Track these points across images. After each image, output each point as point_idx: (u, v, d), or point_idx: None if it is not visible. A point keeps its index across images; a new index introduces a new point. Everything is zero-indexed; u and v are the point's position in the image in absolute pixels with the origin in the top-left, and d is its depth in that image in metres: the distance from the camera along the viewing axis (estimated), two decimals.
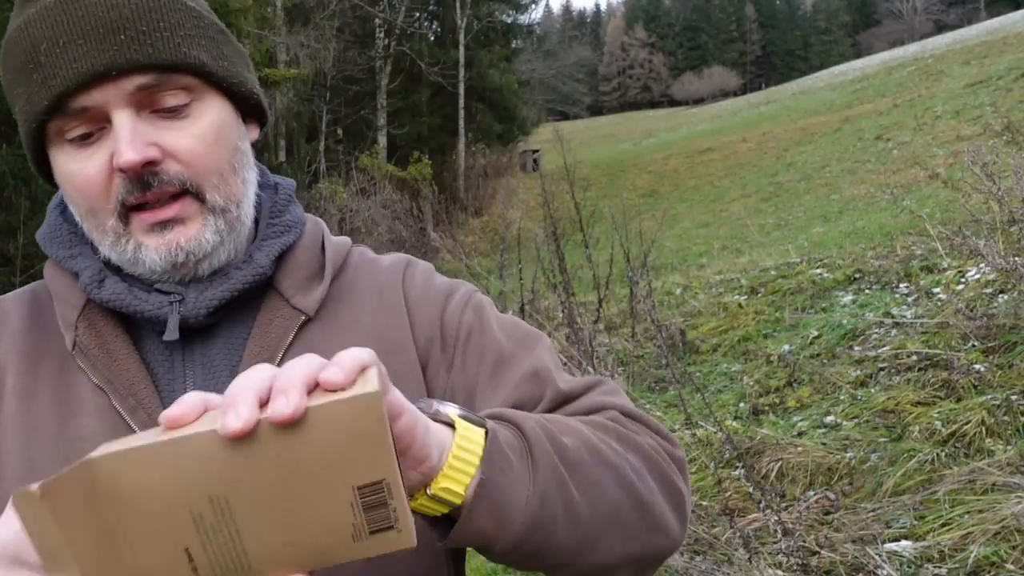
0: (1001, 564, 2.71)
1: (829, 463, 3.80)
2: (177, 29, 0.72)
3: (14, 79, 0.72)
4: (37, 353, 0.76)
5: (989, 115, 13.32)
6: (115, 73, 0.69)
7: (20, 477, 0.70)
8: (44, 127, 0.72)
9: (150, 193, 0.71)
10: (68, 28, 0.69)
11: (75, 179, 0.72)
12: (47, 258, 0.81)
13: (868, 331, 5.36)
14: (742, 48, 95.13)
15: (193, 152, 0.72)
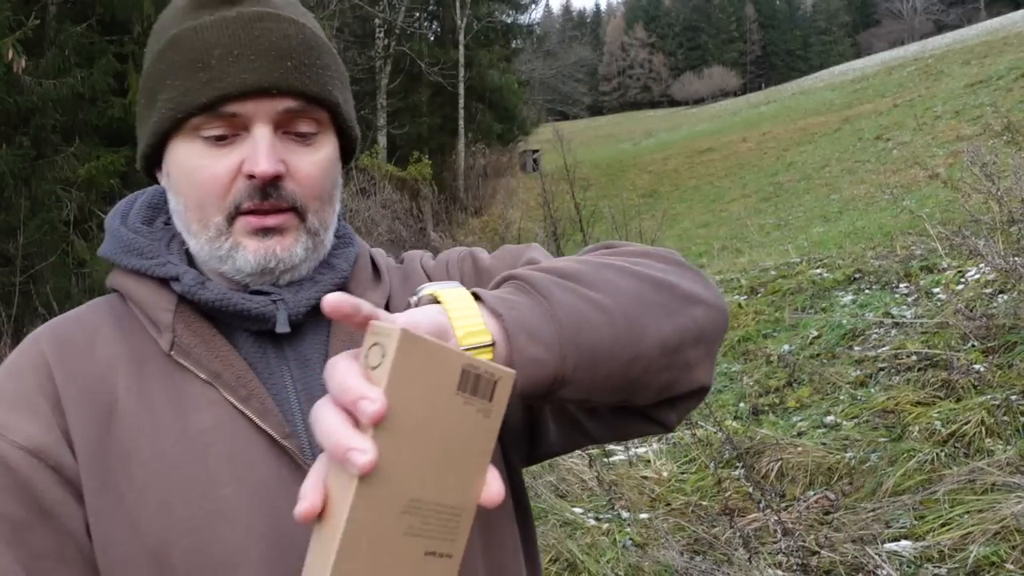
0: (1001, 564, 2.71)
1: (829, 463, 3.80)
2: (326, 70, 0.82)
3: (172, 71, 0.79)
4: (138, 356, 0.80)
5: (989, 115, 13.32)
6: (274, 92, 0.77)
7: (156, 471, 0.74)
8: (182, 121, 0.78)
9: (266, 203, 0.78)
10: (245, 43, 0.77)
11: (199, 173, 0.79)
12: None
13: (868, 331, 5.36)
14: (742, 48, 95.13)
15: (310, 177, 0.81)
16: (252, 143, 0.77)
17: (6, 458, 0.73)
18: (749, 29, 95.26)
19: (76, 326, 0.83)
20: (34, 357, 0.79)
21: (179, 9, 0.82)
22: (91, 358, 0.79)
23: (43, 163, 11.58)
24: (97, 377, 0.78)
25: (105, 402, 0.77)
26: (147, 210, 0.91)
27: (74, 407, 0.76)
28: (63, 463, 0.74)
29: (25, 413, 0.75)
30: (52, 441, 0.74)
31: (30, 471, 0.73)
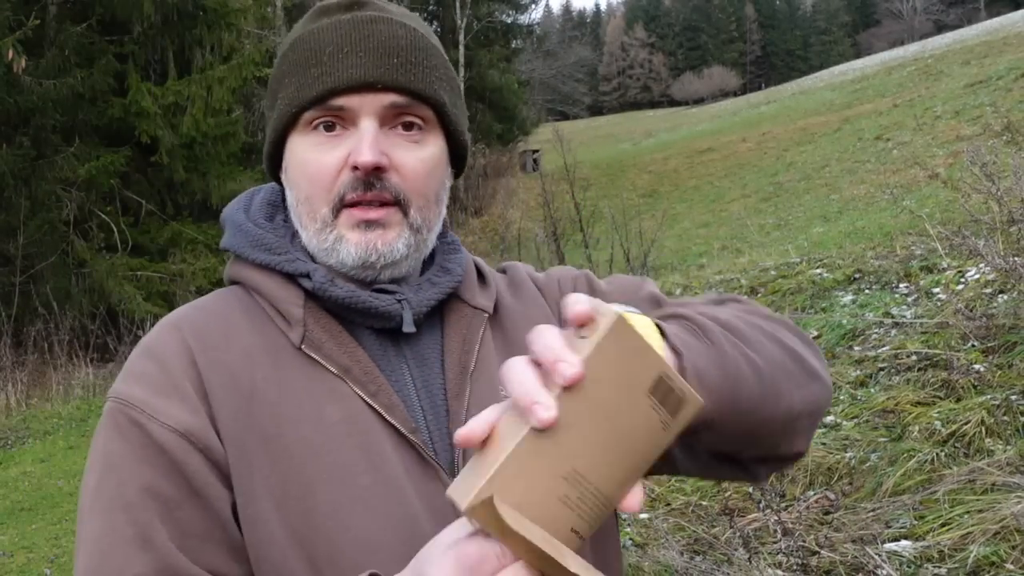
0: (1001, 564, 2.71)
1: (829, 463, 3.80)
2: (433, 70, 0.85)
3: (290, 71, 0.84)
4: (272, 348, 0.83)
5: (989, 115, 13.32)
6: (379, 87, 0.81)
7: (299, 456, 0.77)
8: (298, 116, 0.83)
9: (369, 194, 0.81)
10: (354, 41, 0.82)
11: (309, 167, 0.83)
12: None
13: (868, 331, 5.36)
14: (742, 48, 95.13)
15: (415, 171, 0.83)
16: (358, 136, 0.81)
17: (159, 440, 0.76)
18: (749, 29, 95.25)
19: (209, 317, 0.85)
20: (176, 344, 0.82)
21: (307, 18, 0.87)
22: (229, 348, 0.82)
23: (43, 163, 11.57)
24: (236, 366, 0.81)
25: (246, 389, 0.80)
26: (267, 207, 0.94)
27: (218, 394, 0.79)
28: (211, 446, 0.77)
29: (174, 398, 0.78)
30: (200, 425, 0.77)
31: (181, 453, 0.76)
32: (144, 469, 0.75)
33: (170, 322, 0.86)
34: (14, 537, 5.31)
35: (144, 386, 0.79)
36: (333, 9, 0.85)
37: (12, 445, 8.06)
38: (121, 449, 0.77)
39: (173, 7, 13.39)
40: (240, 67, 14.16)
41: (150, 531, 0.73)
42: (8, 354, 10.56)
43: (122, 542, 0.73)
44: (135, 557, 0.72)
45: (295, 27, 0.89)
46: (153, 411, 0.77)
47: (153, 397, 0.78)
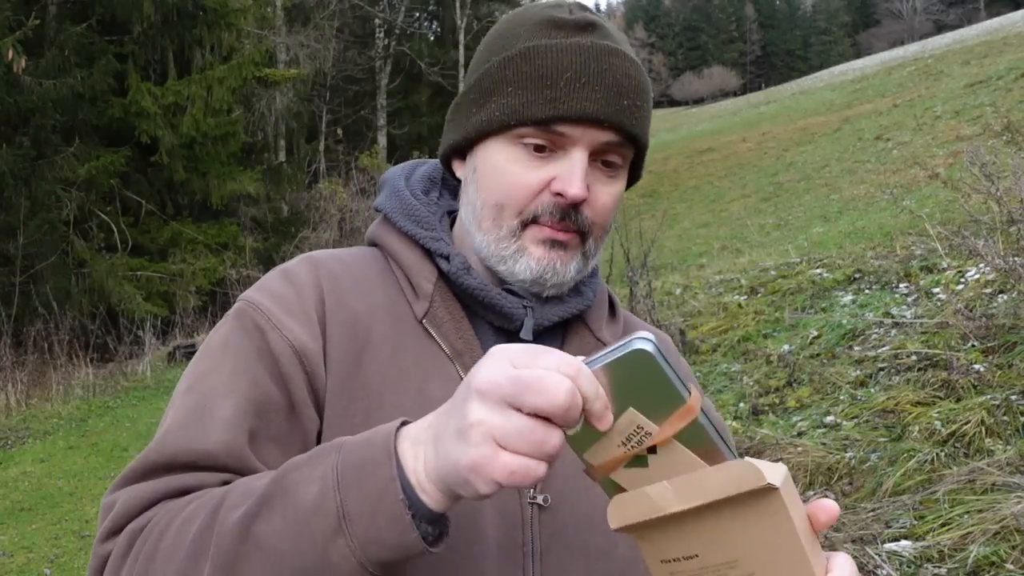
0: (1001, 564, 2.71)
1: (829, 463, 3.80)
2: (648, 114, 0.87)
3: (517, 81, 0.84)
4: (397, 312, 0.87)
5: (989, 115, 13.31)
6: (606, 125, 0.82)
7: (391, 418, 0.78)
8: (511, 127, 0.84)
9: (560, 224, 0.84)
10: (593, 74, 0.82)
11: (510, 178, 0.84)
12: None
13: (868, 331, 5.36)
14: (742, 48, 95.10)
15: (605, 207, 0.86)
16: (568, 164, 0.82)
17: (275, 348, 0.81)
18: (749, 29, 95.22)
19: (345, 268, 0.90)
20: (312, 279, 0.86)
21: (534, 23, 0.86)
22: (357, 298, 0.86)
23: (43, 163, 11.57)
24: (359, 315, 0.85)
25: (362, 338, 0.84)
26: (427, 181, 0.98)
27: (336, 333, 0.83)
28: (317, 373, 0.81)
29: (299, 319, 0.83)
30: (315, 350, 0.82)
31: (291, 367, 0.80)
32: (257, 367, 0.80)
33: (310, 259, 0.90)
34: (14, 537, 5.31)
35: (275, 301, 0.84)
36: (568, 27, 0.85)
37: (12, 445, 8.06)
38: (241, 342, 0.82)
39: (173, 7, 13.39)
40: (240, 67, 14.16)
41: (241, 416, 0.77)
42: (8, 354, 10.55)
43: (213, 414, 0.77)
44: (215, 428, 0.76)
45: (515, 26, 0.88)
46: (278, 322, 0.82)
47: (281, 312, 0.83)
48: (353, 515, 0.61)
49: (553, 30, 0.85)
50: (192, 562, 0.66)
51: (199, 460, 0.75)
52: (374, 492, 0.61)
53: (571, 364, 0.56)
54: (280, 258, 14.60)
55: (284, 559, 0.63)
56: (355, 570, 0.61)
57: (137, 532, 0.71)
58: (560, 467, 0.84)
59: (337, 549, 0.61)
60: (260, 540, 0.63)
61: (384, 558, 0.61)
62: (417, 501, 0.61)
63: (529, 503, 0.82)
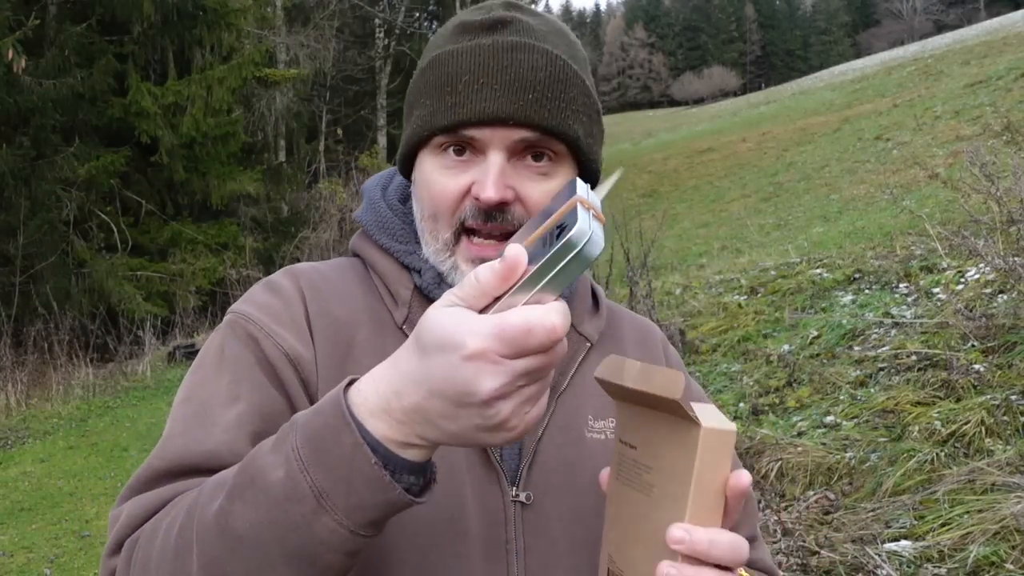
0: (1000, 564, 2.71)
1: (829, 463, 3.80)
2: (570, 103, 0.84)
3: (425, 90, 0.86)
4: (378, 317, 0.89)
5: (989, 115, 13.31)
6: (511, 123, 0.81)
7: None
8: (428, 137, 0.85)
9: (490, 224, 0.83)
10: (491, 72, 0.81)
11: (434, 187, 0.85)
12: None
13: (868, 331, 5.36)
14: (742, 48, 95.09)
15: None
16: (483, 168, 0.82)
17: (271, 355, 0.82)
18: (749, 29, 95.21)
19: (324, 277, 0.92)
20: (295, 288, 0.89)
21: (448, 31, 0.88)
22: (338, 305, 0.88)
23: (43, 163, 11.57)
24: (341, 321, 0.87)
25: (345, 343, 0.85)
26: (404, 188, 0.99)
27: (322, 339, 0.85)
28: (310, 379, 0.83)
29: (290, 329, 0.85)
30: (308, 358, 0.84)
31: (287, 373, 0.82)
32: (256, 373, 0.81)
33: (290, 271, 0.93)
34: (14, 537, 5.31)
35: (263, 311, 0.86)
36: (475, 28, 0.85)
37: (12, 445, 8.06)
38: (237, 351, 0.83)
39: (173, 7, 13.39)
40: (240, 67, 14.16)
41: (244, 419, 0.78)
42: (8, 354, 10.55)
43: (216, 420, 0.78)
44: (217, 431, 0.77)
45: (437, 37, 0.90)
46: (270, 331, 0.84)
47: (271, 321, 0.85)
48: (329, 490, 0.60)
49: (460, 35, 0.85)
50: (179, 562, 0.65)
51: (202, 462, 0.75)
52: (342, 461, 0.59)
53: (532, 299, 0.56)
54: (280, 258, 14.61)
55: (269, 547, 0.62)
56: (347, 538, 0.61)
57: (136, 542, 0.72)
58: (542, 464, 0.86)
59: (323, 525, 0.60)
60: (240, 534, 0.62)
61: (373, 518, 0.61)
62: (394, 458, 0.60)
63: (512, 501, 0.83)
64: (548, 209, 0.64)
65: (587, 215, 0.57)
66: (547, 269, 0.56)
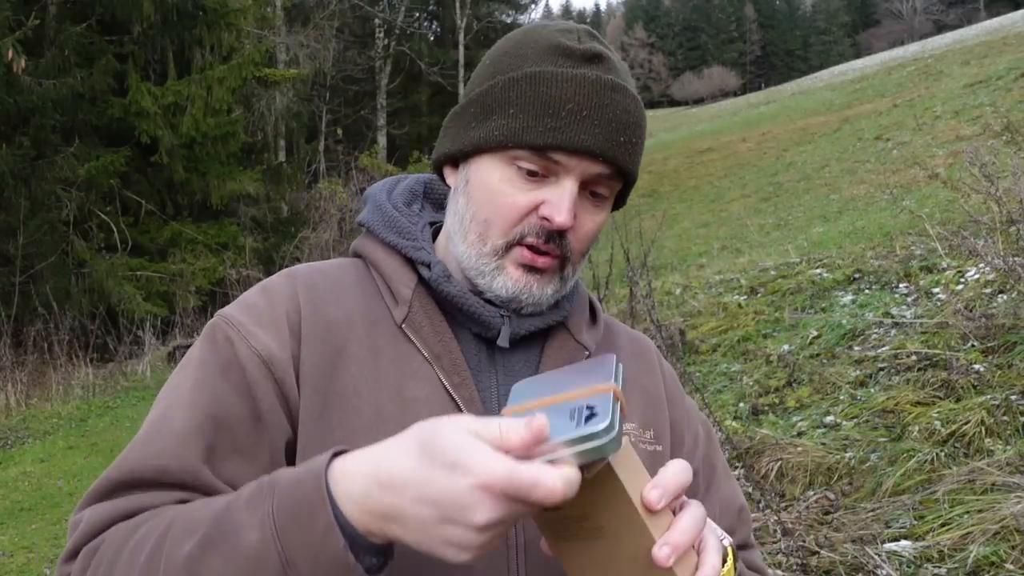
0: (1001, 564, 2.71)
1: (829, 463, 3.80)
2: (639, 148, 0.89)
3: (519, 103, 0.85)
4: (374, 316, 0.89)
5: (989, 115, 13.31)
6: (600, 158, 0.84)
7: (368, 419, 0.82)
8: (513, 148, 0.86)
9: (545, 246, 0.86)
10: (595, 108, 0.84)
11: (502, 197, 0.87)
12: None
13: (868, 331, 5.36)
14: (742, 48, 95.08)
15: (588, 235, 0.90)
16: (559, 191, 0.85)
17: (242, 358, 0.82)
18: (749, 29, 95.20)
19: (324, 277, 0.92)
20: (288, 289, 0.89)
21: (543, 47, 0.88)
22: (334, 305, 0.88)
23: (43, 163, 11.57)
24: (336, 322, 0.87)
25: (337, 344, 0.85)
26: (408, 194, 1.01)
27: (311, 340, 0.85)
28: (286, 380, 0.82)
29: (268, 329, 0.85)
30: (284, 358, 0.83)
31: (258, 375, 0.82)
32: (218, 379, 0.81)
33: (289, 272, 0.93)
34: (14, 537, 5.31)
35: (248, 314, 0.87)
36: (576, 56, 0.86)
37: (12, 445, 8.06)
38: (208, 356, 0.84)
39: (173, 7, 13.39)
40: (240, 67, 14.16)
41: (196, 430, 0.78)
42: (8, 354, 10.55)
43: (171, 431, 0.78)
44: (170, 443, 0.77)
45: (525, 47, 0.89)
46: (247, 332, 0.84)
47: (251, 322, 0.85)
48: (296, 560, 0.63)
49: (561, 58, 0.86)
50: None
51: (154, 477, 0.76)
52: (314, 540, 0.62)
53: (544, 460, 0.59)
54: (280, 258, 14.62)
55: None
56: None
57: (91, 554, 0.73)
58: None
59: None
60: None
61: None
62: (362, 541, 0.63)
63: None
64: (578, 370, 0.71)
65: (617, 410, 0.62)
66: (566, 446, 0.59)
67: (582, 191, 0.87)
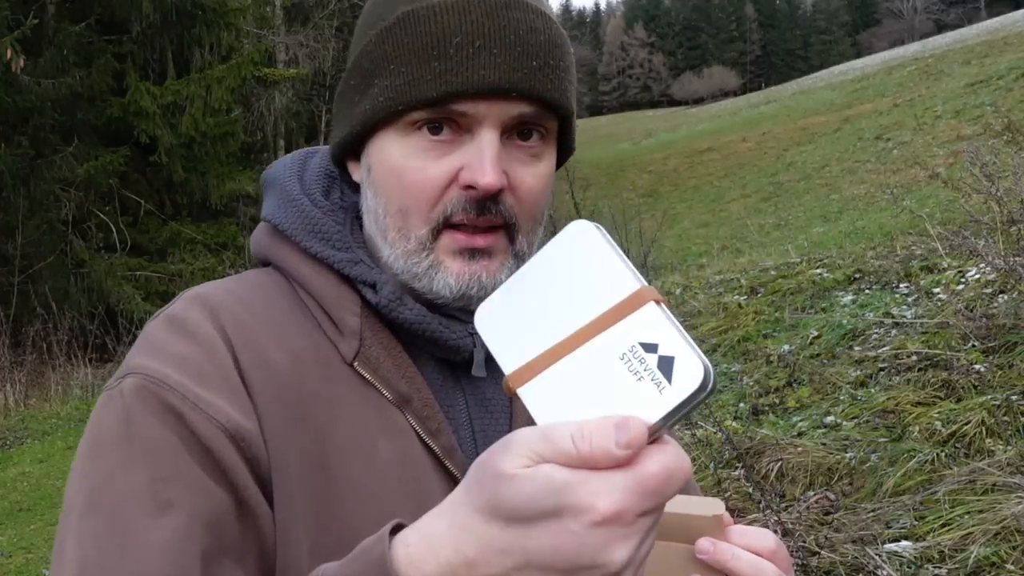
0: (1001, 564, 2.70)
1: (829, 463, 3.79)
2: (567, 73, 0.72)
3: (397, 54, 0.69)
4: (322, 357, 0.70)
5: (989, 115, 13.31)
6: (512, 94, 0.67)
7: (342, 494, 0.66)
8: (401, 113, 0.69)
9: (481, 219, 0.69)
10: (488, 33, 0.67)
11: (409, 175, 0.70)
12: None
13: (868, 331, 5.35)
14: (742, 48, 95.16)
15: (531, 192, 0.72)
16: (476, 149, 0.68)
17: (206, 437, 0.62)
18: (749, 29, 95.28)
19: (246, 308, 0.71)
20: (215, 329, 0.68)
21: None
22: (273, 347, 0.69)
23: (42, 163, 11.58)
24: (281, 371, 0.68)
25: (291, 401, 0.67)
26: (325, 178, 0.80)
27: (261, 401, 0.66)
28: (259, 458, 0.64)
29: (222, 391, 0.64)
30: (252, 430, 0.64)
31: (228, 456, 0.62)
32: (188, 465, 0.61)
33: (198, 300, 0.71)
34: (12, 538, 5.31)
35: (182, 369, 0.65)
36: None
37: (10, 446, 8.06)
38: (152, 434, 0.62)
39: (172, 7, 13.39)
40: (239, 67, 14.16)
41: (184, 536, 0.58)
42: (7, 354, 10.55)
43: (147, 544, 0.57)
44: (151, 560, 0.57)
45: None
46: (196, 399, 0.63)
47: (195, 383, 0.64)
48: None
49: None
50: None
51: None
52: None
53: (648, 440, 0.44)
54: None
55: None
56: None
57: None
58: None
59: None
60: None
61: None
62: None
63: None
64: (559, 267, 0.49)
65: (686, 336, 0.44)
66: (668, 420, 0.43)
67: (508, 141, 0.70)
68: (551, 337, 0.47)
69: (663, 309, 0.44)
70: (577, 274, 0.48)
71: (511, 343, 0.49)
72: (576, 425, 0.43)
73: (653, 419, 0.43)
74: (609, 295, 0.46)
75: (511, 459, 0.44)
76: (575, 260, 0.48)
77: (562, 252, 0.49)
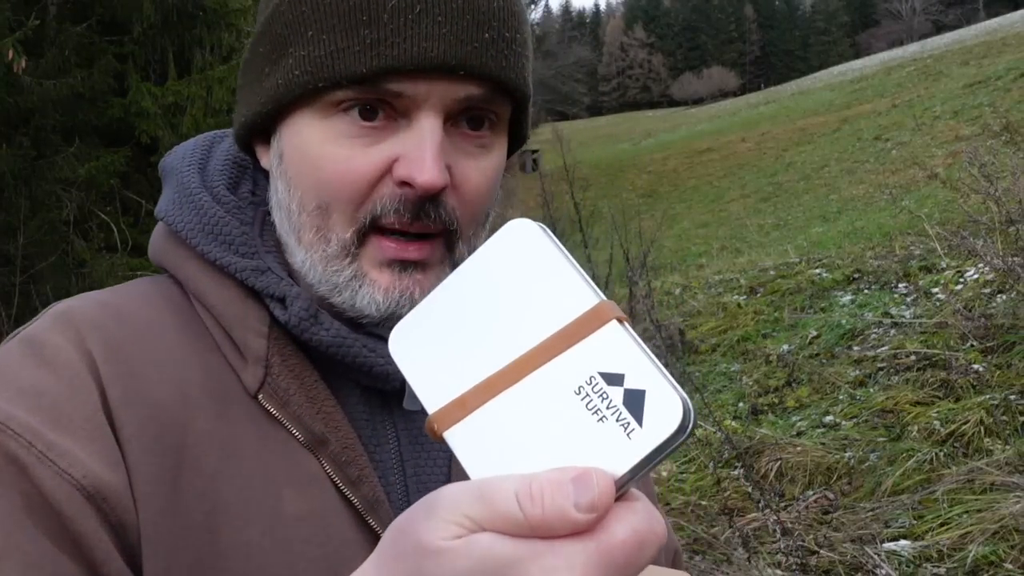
0: (1000, 563, 2.72)
1: (828, 463, 3.81)
2: (524, 47, 0.61)
3: (318, 18, 0.56)
4: (218, 387, 0.57)
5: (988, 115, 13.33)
6: (460, 72, 0.56)
7: (234, 566, 0.54)
8: (322, 90, 0.57)
9: (416, 223, 0.58)
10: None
11: (331, 166, 0.57)
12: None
13: (867, 331, 5.37)
14: (741, 48, 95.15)
15: (477, 191, 0.60)
16: (414, 137, 0.57)
17: (55, 498, 0.49)
18: (748, 29, 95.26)
19: (123, 325, 0.58)
20: (79, 355, 0.55)
21: None
22: (156, 377, 0.56)
23: (43, 163, 11.60)
24: (164, 407, 0.55)
25: (173, 445, 0.54)
26: (233, 168, 0.67)
27: (134, 447, 0.53)
28: (126, 522, 0.51)
29: (82, 436, 0.51)
30: (117, 484, 0.51)
31: (88, 525, 0.49)
32: (26, 537, 0.48)
33: (70, 321, 0.57)
34: None
35: (33, 407, 0.51)
36: None
37: None
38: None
39: (173, 7, 13.40)
40: (240, 67, 14.19)
41: None
42: None
43: None
44: None
45: None
46: (46, 447, 0.50)
47: (47, 426, 0.51)
48: None
49: None
50: None
51: None
52: None
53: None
54: None
55: None
56: None
57: None
58: None
59: None
60: None
61: None
62: None
63: None
64: (496, 275, 0.38)
65: (662, 370, 0.34)
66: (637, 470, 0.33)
67: (452, 128, 0.58)
68: (487, 366, 0.37)
69: (627, 329, 0.35)
70: (519, 286, 0.37)
71: (435, 374, 0.38)
72: (522, 480, 0.33)
73: (620, 471, 0.33)
74: (560, 312, 0.36)
75: (437, 526, 0.33)
76: (516, 269, 0.38)
77: (500, 259, 0.38)
